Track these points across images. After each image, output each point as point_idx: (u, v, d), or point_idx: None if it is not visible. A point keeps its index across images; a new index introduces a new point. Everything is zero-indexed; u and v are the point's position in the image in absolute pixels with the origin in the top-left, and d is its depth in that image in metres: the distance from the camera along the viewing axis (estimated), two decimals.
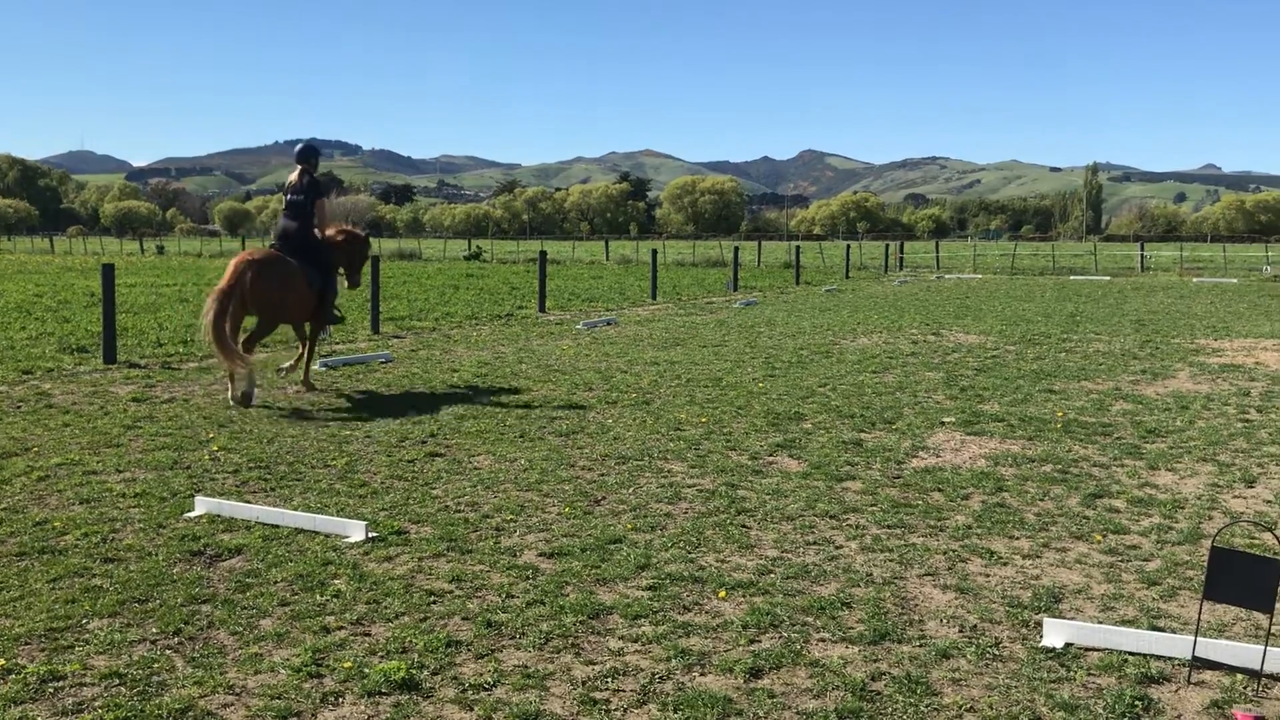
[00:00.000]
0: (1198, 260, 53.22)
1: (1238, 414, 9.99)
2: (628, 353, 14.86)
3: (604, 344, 16.03)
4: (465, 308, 22.68)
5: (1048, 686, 4.20)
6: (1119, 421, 9.62)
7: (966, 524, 6.43)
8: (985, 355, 14.55)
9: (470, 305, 23.43)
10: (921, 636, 4.71)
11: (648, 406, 10.39)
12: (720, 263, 49.74)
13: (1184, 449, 8.49)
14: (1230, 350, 15.10)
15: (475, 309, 22.43)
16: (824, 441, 8.75)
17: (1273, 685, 4.22)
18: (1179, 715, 3.98)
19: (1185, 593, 5.23)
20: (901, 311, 22.49)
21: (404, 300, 24.44)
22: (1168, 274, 42.80)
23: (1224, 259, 52.41)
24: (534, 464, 7.92)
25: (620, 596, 5.18)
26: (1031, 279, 39.26)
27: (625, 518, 6.54)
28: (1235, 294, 29.25)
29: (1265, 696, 4.13)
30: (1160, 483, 7.45)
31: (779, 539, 6.13)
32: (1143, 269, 46.13)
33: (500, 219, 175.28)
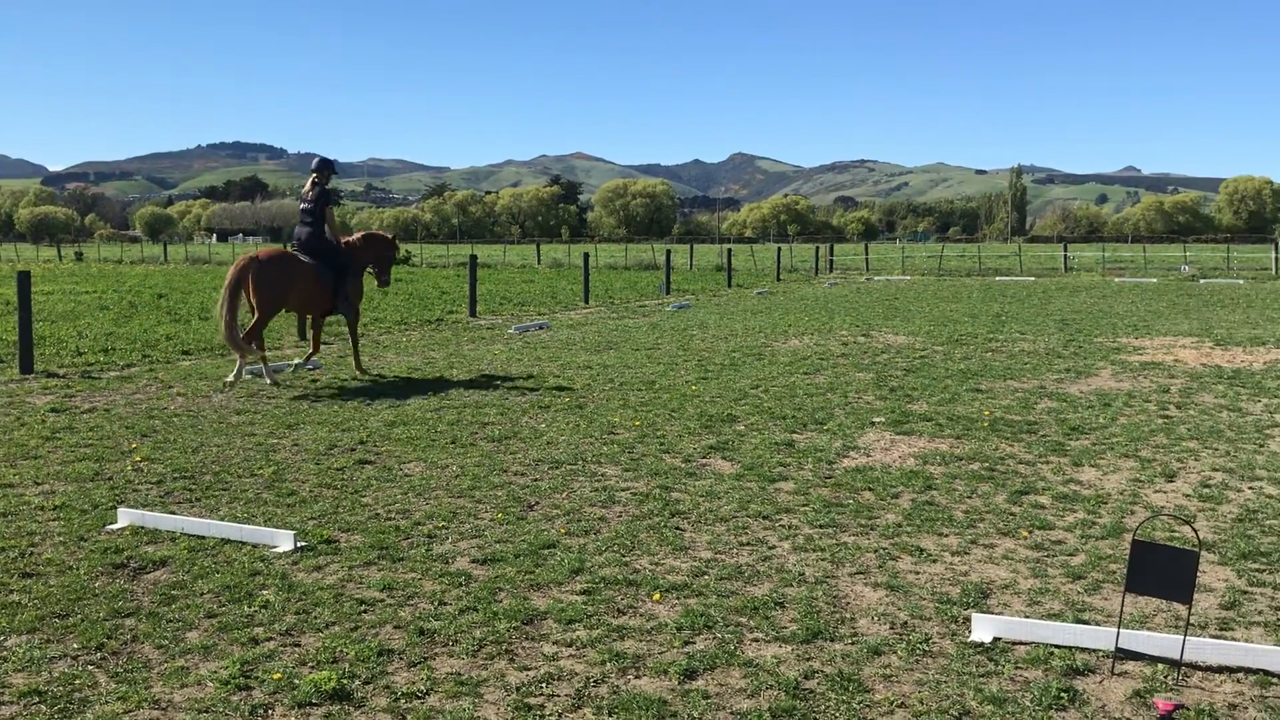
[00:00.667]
0: (1119, 261, 54.56)
1: (1158, 410, 10.24)
2: (560, 356, 14.82)
3: (536, 348, 15.98)
4: (394, 313, 22.45)
5: (976, 681, 4.26)
6: (1044, 419, 9.81)
7: (897, 522, 6.51)
8: (914, 356, 14.76)
9: (399, 310, 23.20)
10: (853, 634, 4.76)
11: (581, 410, 10.37)
12: (653, 266, 49.88)
13: (1107, 445, 8.69)
14: (1151, 348, 15.49)
15: (404, 314, 22.21)
16: (757, 443, 8.81)
17: (1192, 674, 4.33)
18: (1103, 706, 4.07)
19: (1109, 586, 5.35)
20: (832, 313, 22.73)
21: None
22: (1090, 274, 43.78)
23: (1144, 259, 53.80)
24: (466, 470, 7.86)
25: (554, 601, 5.16)
26: (958, 280, 39.92)
27: (559, 522, 6.52)
28: (1155, 293, 30.01)
29: (1185, 685, 4.23)
30: (1084, 479, 7.61)
31: (713, 540, 6.15)
32: (1066, 269, 47.15)
33: (430, 223, 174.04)
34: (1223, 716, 3.97)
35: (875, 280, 40.19)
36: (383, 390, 11.71)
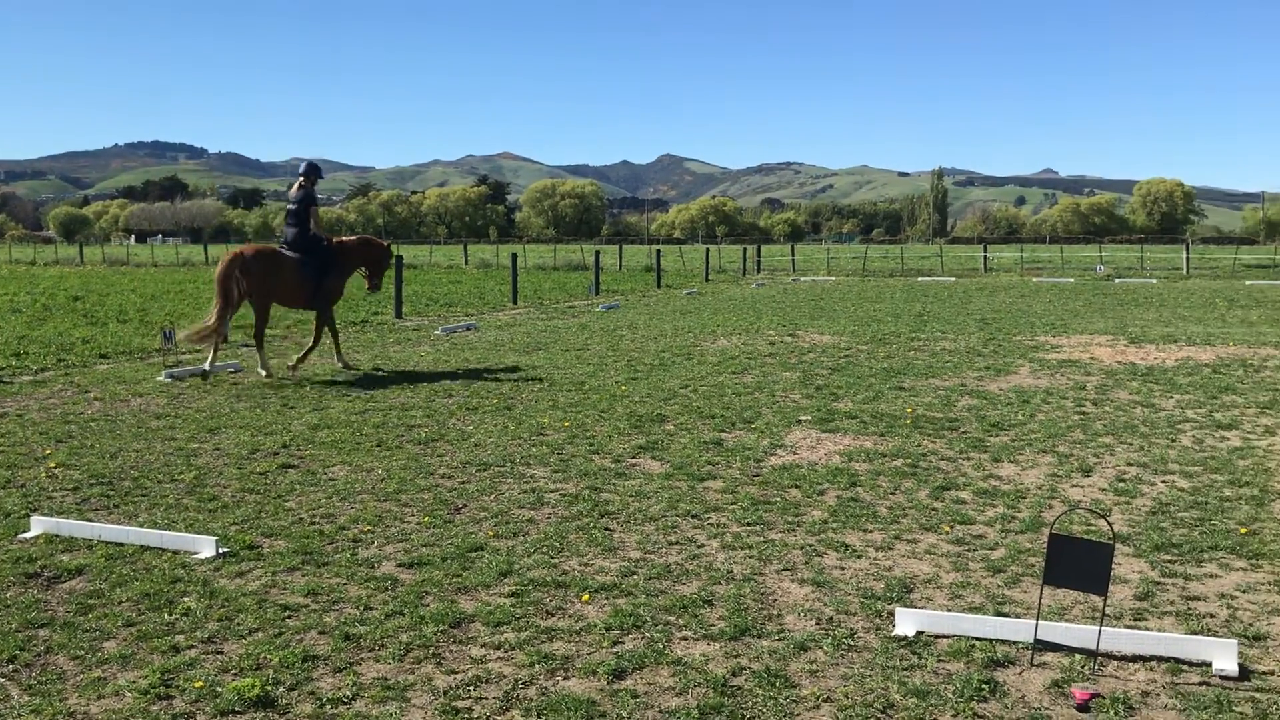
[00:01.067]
0: (1037, 261, 55.76)
1: (1075, 407, 10.49)
2: (488, 358, 14.74)
3: (464, 349, 15.88)
4: None
5: (900, 674, 4.33)
6: (965, 416, 10.00)
7: (823, 519, 6.59)
8: (839, 355, 14.93)
9: None
10: (780, 630, 4.81)
11: (509, 412, 10.33)
12: (582, 266, 49.83)
13: (1025, 441, 8.88)
14: (1067, 346, 15.86)
15: None
16: (686, 442, 8.85)
17: (1108, 663, 4.44)
18: (1023, 696, 4.16)
19: (1028, 579, 5.47)
20: (759, 313, 22.91)
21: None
22: (1009, 274, 44.69)
23: (1061, 259, 55.07)
24: (392, 473, 7.79)
25: (482, 604, 5.13)
26: (882, 280, 40.49)
27: (487, 525, 6.49)
28: (1072, 293, 30.73)
29: (1101, 674, 4.35)
30: (1004, 474, 7.77)
31: (642, 540, 6.17)
32: (986, 270, 48.06)
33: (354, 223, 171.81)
34: (1136, 704, 4.08)
35: (801, 281, 40.61)
36: (306, 393, 11.55)
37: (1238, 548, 5.94)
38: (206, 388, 11.98)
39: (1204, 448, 8.58)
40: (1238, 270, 45.44)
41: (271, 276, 12.98)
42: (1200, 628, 4.82)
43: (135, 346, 15.99)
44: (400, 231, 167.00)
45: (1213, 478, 7.57)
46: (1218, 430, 9.28)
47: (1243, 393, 11.24)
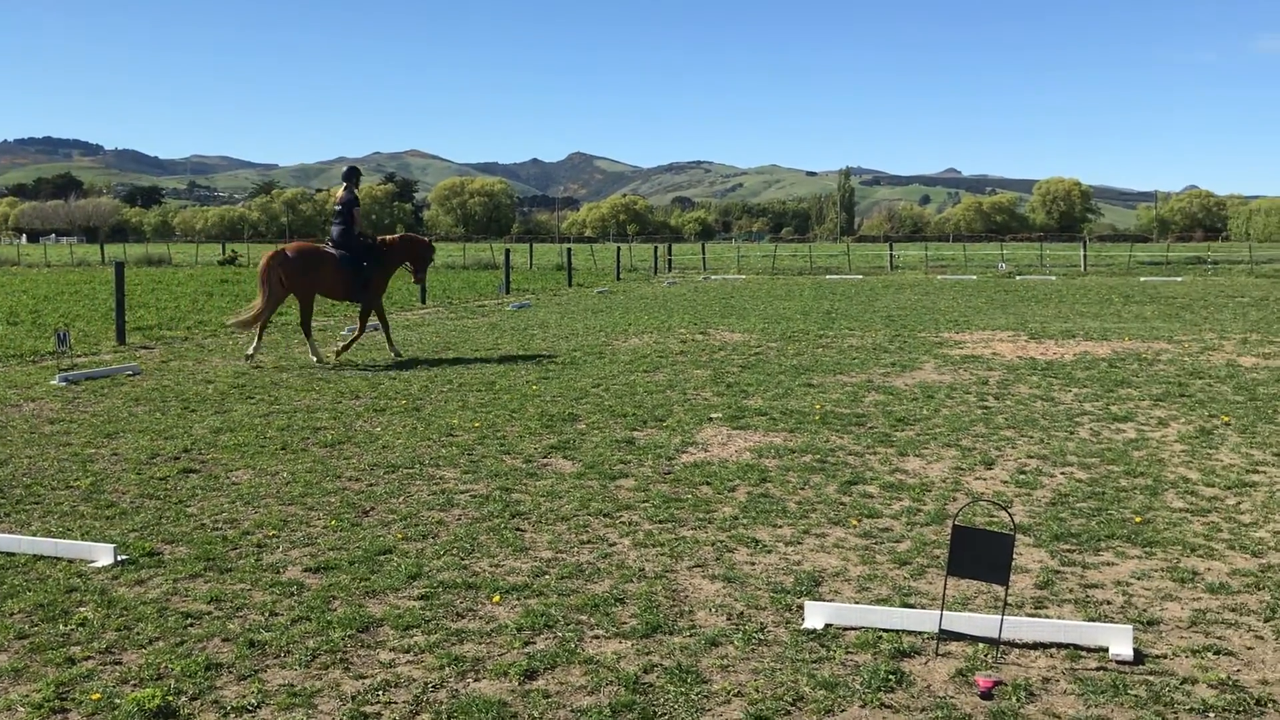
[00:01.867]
0: (941, 259, 56.98)
1: (977, 401, 10.74)
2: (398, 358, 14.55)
3: (371, 349, 15.64)
4: (220, 315, 21.64)
5: (809, 667, 4.38)
6: (871, 412, 10.16)
7: (733, 515, 6.63)
8: (749, 352, 15.07)
9: (226, 313, 22.37)
10: (692, 627, 4.83)
11: (418, 413, 10.21)
12: (492, 265, 49.51)
13: (930, 435, 9.05)
14: (970, 342, 16.22)
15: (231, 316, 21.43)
16: (598, 441, 8.84)
17: (1010, 651, 4.55)
18: (928, 686, 4.23)
19: (933, 570, 5.57)
20: (671, 312, 23.01)
21: (152, 309, 23.17)
22: (914, 272, 45.58)
23: (964, 257, 56.37)
24: (297, 477, 7.64)
25: (391, 608, 5.06)
26: (791, 279, 40.97)
27: (395, 527, 6.40)
28: (974, 290, 31.45)
29: (1003, 662, 4.45)
30: (909, 468, 7.91)
31: (553, 540, 6.15)
32: (892, 268, 48.96)
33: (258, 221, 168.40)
34: (1037, 690, 4.18)
35: (712, 279, 40.89)
36: (209, 396, 11.27)
37: (1133, 536, 6.13)
38: (103, 391, 11.62)
39: (1101, 440, 8.84)
40: (1133, 267, 47.00)
41: (312, 271, 14.30)
42: (1098, 614, 4.96)
43: (27, 350, 15.45)
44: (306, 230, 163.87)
45: (1109, 469, 7.81)
46: (1114, 422, 9.57)
47: (1137, 386, 11.61)
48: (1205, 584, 5.36)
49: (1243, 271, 42.76)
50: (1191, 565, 5.65)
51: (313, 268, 14.34)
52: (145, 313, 21.92)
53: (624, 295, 29.94)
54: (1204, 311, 22.05)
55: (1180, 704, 4.05)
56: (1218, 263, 49.76)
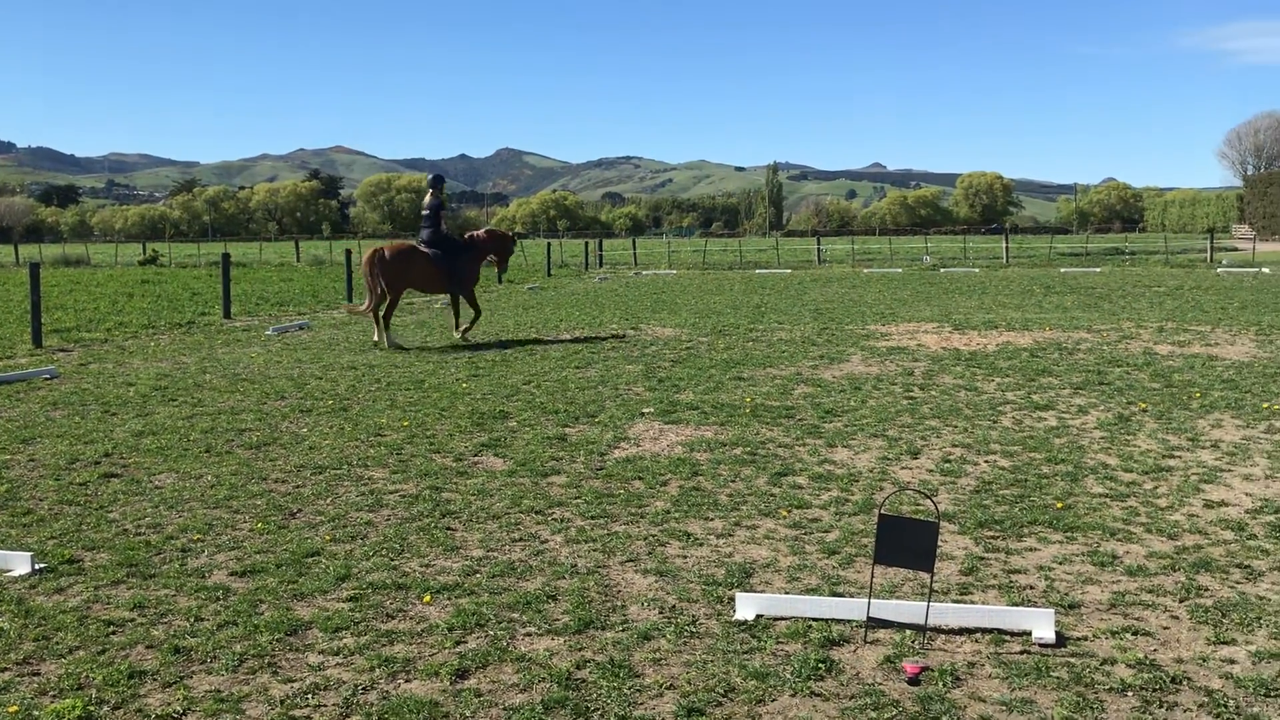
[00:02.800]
0: (868, 252, 57.68)
1: (903, 392, 10.89)
2: (322, 358, 14.37)
3: (296, 349, 15.43)
4: (141, 316, 21.19)
5: (741, 658, 4.42)
6: (801, 404, 10.26)
7: (665, 509, 6.66)
8: (680, 347, 15.13)
9: (147, 313, 21.91)
10: (624, 621, 4.84)
11: (346, 413, 10.09)
12: None
13: (858, 426, 9.17)
14: (896, 334, 16.45)
15: (152, 317, 20.99)
16: (529, 438, 8.81)
17: (936, 637, 4.63)
18: (857, 673, 4.29)
19: (861, 559, 5.65)
20: (602, 307, 23.00)
21: (71, 310, 22.58)
22: (842, 266, 46.08)
23: (890, 250, 57.12)
24: (222, 479, 7.50)
25: (319, 610, 5.00)
26: (721, 273, 41.18)
27: (323, 529, 6.32)
28: (900, 282, 31.89)
29: (930, 648, 4.53)
30: (838, 459, 8.00)
31: (485, 538, 6.12)
32: (820, 261, 49.45)
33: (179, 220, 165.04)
34: (963, 674, 4.26)
35: (644, 275, 40.95)
36: (130, 399, 11.02)
37: (1054, 521, 6.27)
38: (19, 395, 11.30)
39: (1023, 428, 9.03)
40: (1053, 258, 48.00)
41: (407, 269, 15.92)
42: (1021, 599, 5.07)
43: None
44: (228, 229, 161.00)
45: (1031, 456, 7.98)
46: (1035, 411, 9.78)
47: (1058, 374, 11.88)
48: (1124, 567, 5.50)
49: (1158, 261, 43.92)
50: (1111, 549, 5.80)
51: (407, 266, 15.92)
52: (63, 314, 21.36)
53: (555, 291, 29.88)
54: (1122, 301, 22.62)
55: (1100, 684, 4.15)
56: (1135, 253, 51.04)
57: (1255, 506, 6.56)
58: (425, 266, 16.20)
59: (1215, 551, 5.72)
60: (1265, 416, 9.30)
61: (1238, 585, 5.22)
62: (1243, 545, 5.82)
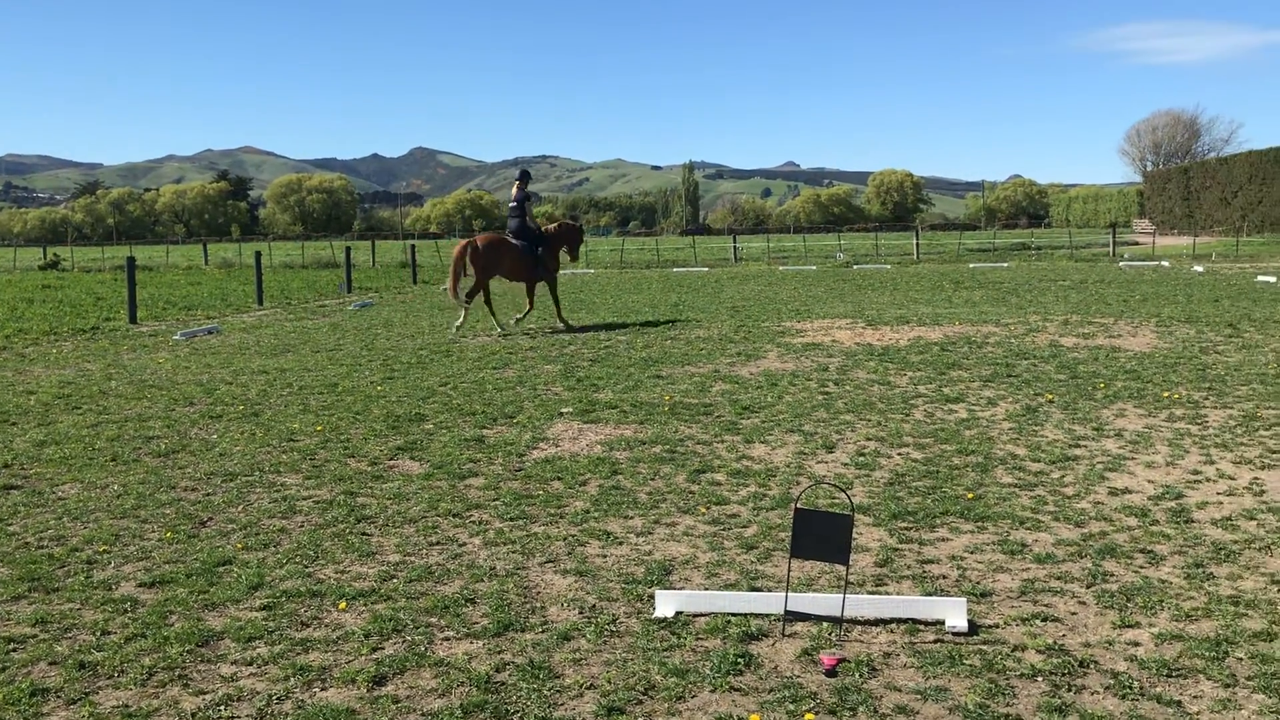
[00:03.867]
0: (783, 250, 58.26)
1: (819, 388, 11.03)
2: (233, 362, 14.07)
3: (205, 354, 15.08)
4: (42, 322, 20.52)
5: (661, 655, 4.43)
6: (719, 401, 10.32)
7: (585, 509, 6.65)
8: (599, 346, 15.12)
9: (48, 320, 21.23)
10: (544, 623, 4.82)
11: (257, 418, 9.89)
12: (332, 264, 48.34)
13: (775, 422, 9.26)
14: (811, 330, 16.64)
15: (54, 323, 20.35)
16: (446, 441, 8.73)
17: (853, 629, 4.69)
18: (776, 667, 4.33)
19: (779, 553, 5.70)
20: (520, 307, 22.88)
21: None
22: (758, 263, 46.47)
23: (805, 248, 57.76)
24: (129, 489, 7.30)
25: (231, 620, 4.89)
26: (639, 272, 41.27)
27: (235, 537, 6.19)
28: (814, 279, 32.28)
29: (847, 639, 4.59)
30: (755, 454, 8.07)
31: (401, 543, 6.04)
32: (736, 260, 49.82)
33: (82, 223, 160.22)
34: (879, 664, 4.33)
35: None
36: (29, 408, 10.66)
37: (965, 512, 6.40)
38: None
39: (934, 420, 9.20)
40: (962, 254, 49.01)
41: (498, 258, 17.44)
42: (934, 589, 5.16)
43: None
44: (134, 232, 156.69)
45: (942, 448, 8.13)
46: (946, 404, 9.97)
47: (967, 368, 12.12)
48: (1033, 555, 5.64)
49: (1063, 256, 45.09)
50: (1020, 537, 5.94)
51: (498, 255, 17.46)
52: None
53: None
54: (1028, 295, 23.17)
55: (1011, 670, 4.25)
56: (1041, 248, 52.35)
57: (1157, 493, 6.78)
58: (513, 256, 17.70)
59: (1120, 538, 5.89)
60: (1166, 405, 9.61)
61: (1141, 570, 5.38)
62: (1146, 531, 6.00)
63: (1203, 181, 68.38)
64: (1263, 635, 4.52)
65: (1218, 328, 15.58)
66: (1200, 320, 16.67)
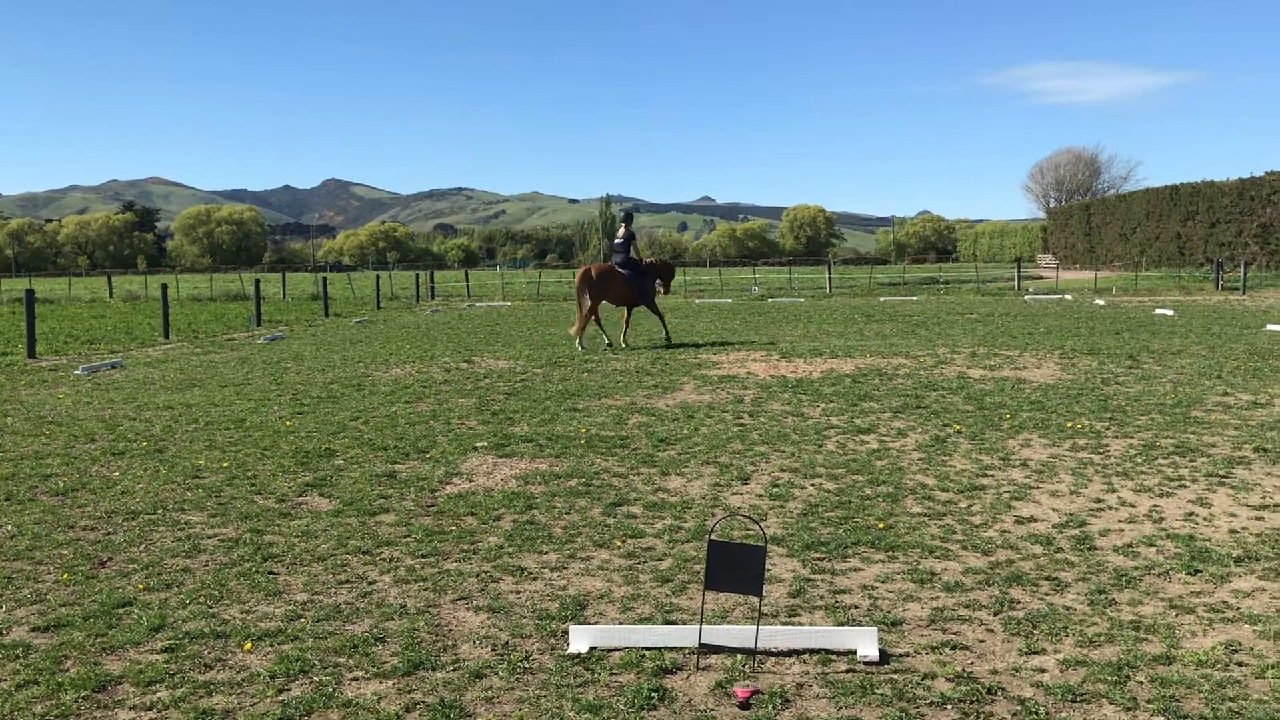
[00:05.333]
0: (699, 283, 58.71)
1: (734, 419, 11.10)
2: (136, 397, 13.69)
3: (108, 389, 14.66)
4: None
5: (574, 691, 4.39)
6: (635, 434, 10.33)
7: (499, 544, 6.58)
8: (515, 379, 15.04)
9: None
10: (455, 661, 4.74)
11: (161, 455, 9.63)
12: (242, 296, 47.46)
13: (690, 454, 9.29)
14: (726, 363, 16.77)
15: None
16: (357, 476, 8.59)
17: (766, 660, 4.71)
18: (690, 700, 4.32)
19: (694, 586, 5.70)
20: (434, 340, 22.69)
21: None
22: (674, 296, 46.76)
23: (721, 281, 58.29)
24: (24, 529, 7.04)
25: (131, 663, 4.73)
26: (557, 304, 41.23)
27: (136, 578, 6.00)
28: (730, 312, 32.57)
29: (760, 671, 4.60)
30: (671, 487, 8.08)
31: (309, 581, 5.91)
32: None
33: None
34: (792, 696, 4.34)
35: (477, 306, 40.63)
36: None
37: (876, 541, 6.48)
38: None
39: (846, 451, 9.32)
40: (873, 288, 49.91)
41: (608, 286, 20.07)
42: (846, 619, 5.21)
43: None
44: (34, 263, 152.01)
45: (854, 478, 8.23)
46: (858, 435, 10.10)
47: (879, 399, 12.31)
48: (942, 583, 5.72)
49: (971, 290, 46.19)
50: (930, 566, 6.03)
51: (607, 283, 20.02)
52: None
53: (384, 324, 29.31)
54: (937, 328, 23.66)
55: (921, 699, 4.29)
56: (949, 282, 53.57)
57: (1061, 521, 6.94)
58: (621, 284, 20.26)
59: (1025, 565, 6.01)
60: (1069, 435, 9.86)
61: (1047, 597, 5.49)
62: (1051, 559, 6.14)
63: (1103, 218, 70.71)
64: (1162, 659, 4.64)
65: (1118, 359, 16.07)
66: (1101, 352, 17.19)
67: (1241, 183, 53.18)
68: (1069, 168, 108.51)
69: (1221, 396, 12.11)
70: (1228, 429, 10.06)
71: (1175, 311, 28.58)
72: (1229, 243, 53.37)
